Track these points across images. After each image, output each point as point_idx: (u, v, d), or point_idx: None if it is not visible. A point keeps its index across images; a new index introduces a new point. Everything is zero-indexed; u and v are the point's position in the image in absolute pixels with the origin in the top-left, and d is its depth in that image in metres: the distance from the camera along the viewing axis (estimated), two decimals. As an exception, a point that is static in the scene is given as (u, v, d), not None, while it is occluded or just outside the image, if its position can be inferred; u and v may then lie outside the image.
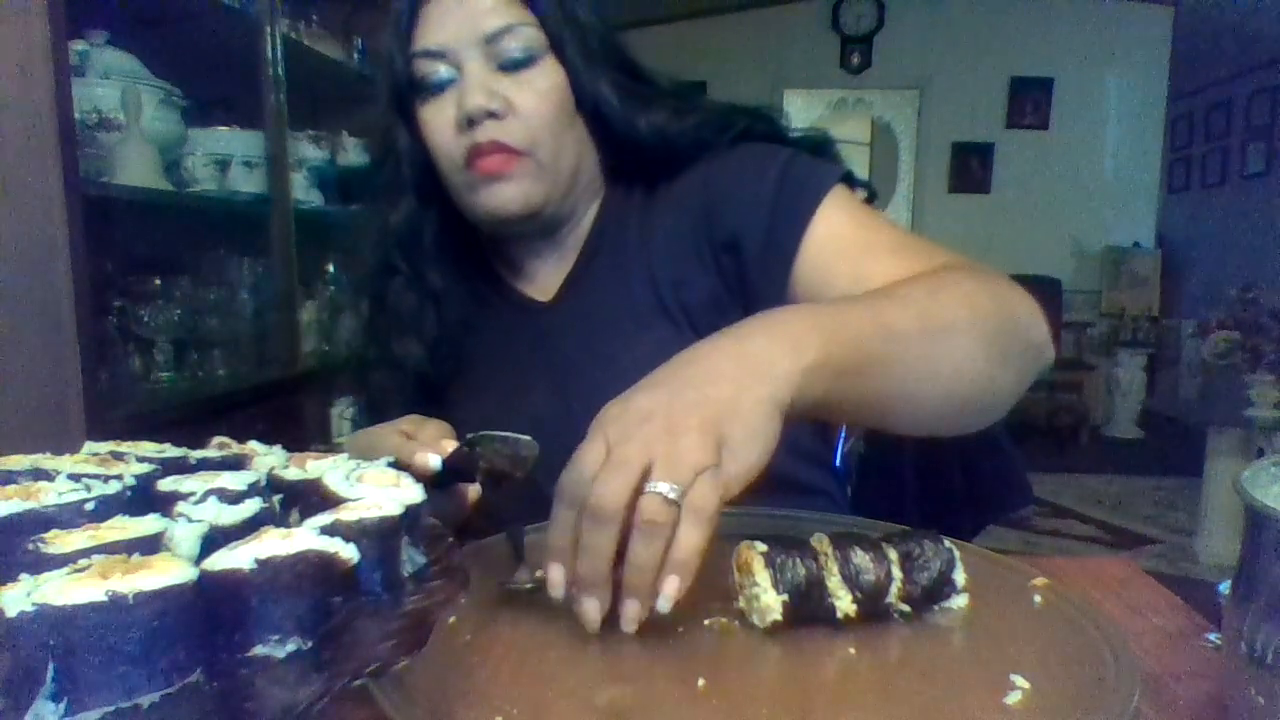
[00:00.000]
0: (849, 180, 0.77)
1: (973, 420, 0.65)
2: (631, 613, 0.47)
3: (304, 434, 1.96)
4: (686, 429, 0.47)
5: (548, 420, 0.67)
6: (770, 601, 0.48)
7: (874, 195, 0.80)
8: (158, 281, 1.65)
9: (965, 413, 0.63)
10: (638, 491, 0.46)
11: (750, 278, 0.76)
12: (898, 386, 0.59)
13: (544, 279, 0.85)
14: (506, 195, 0.76)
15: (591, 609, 0.48)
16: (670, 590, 0.47)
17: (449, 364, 0.83)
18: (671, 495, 0.46)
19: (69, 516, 0.36)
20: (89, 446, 0.45)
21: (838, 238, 0.73)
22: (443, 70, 0.75)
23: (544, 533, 0.52)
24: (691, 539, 0.46)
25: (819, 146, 0.81)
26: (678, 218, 0.80)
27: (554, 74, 0.76)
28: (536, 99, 0.75)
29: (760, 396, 0.49)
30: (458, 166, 0.76)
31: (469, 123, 0.74)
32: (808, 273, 0.73)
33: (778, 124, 0.83)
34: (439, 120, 0.76)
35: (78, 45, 1.49)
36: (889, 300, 0.61)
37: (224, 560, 0.33)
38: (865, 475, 0.91)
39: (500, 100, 0.74)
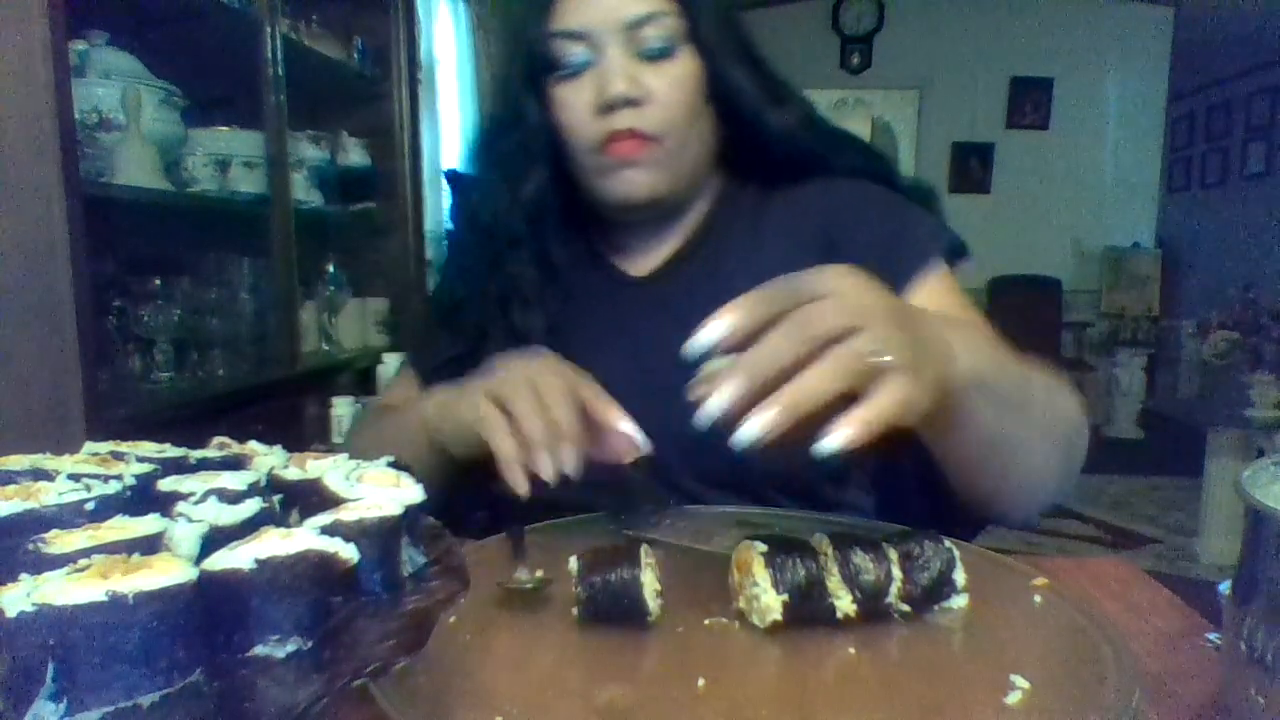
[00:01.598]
0: (956, 248, 0.79)
1: (1013, 507, 0.66)
2: (766, 423, 0.43)
3: (304, 434, 1.96)
4: (911, 345, 0.47)
5: (619, 391, 0.67)
6: (770, 601, 0.48)
7: (968, 252, 0.81)
8: (158, 281, 1.65)
9: (1010, 502, 0.64)
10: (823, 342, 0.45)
11: None
12: (997, 446, 0.61)
13: (642, 257, 0.87)
14: (636, 181, 0.78)
15: (767, 422, 0.44)
16: (850, 435, 0.44)
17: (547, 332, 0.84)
18: (880, 359, 0.44)
19: (69, 516, 0.36)
20: (89, 446, 0.45)
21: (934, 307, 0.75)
22: (581, 52, 0.76)
23: (543, 532, 0.51)
24: (879, 408, 0.44)
25: (926, 195, 0.84)
26: (794, 231, 0.82)
27: (690, 63, 0.77)
28: (674, 87, 0.76)
29: (939, 375, 0.49)
30: (590, 149, 0.78)
31: (608, 108, 0.75)
32: None
33: (891, 166, 0.86)
34: (575, 102, 0.77)
35: (78, 45, 1.49)
36: (1033, 374, 0.63)
37: (224, 560, 0.33)
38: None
39: (640, 88, 0.75)
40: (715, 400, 0.44)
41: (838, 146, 0.84)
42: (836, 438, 0.44)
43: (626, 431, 0.62)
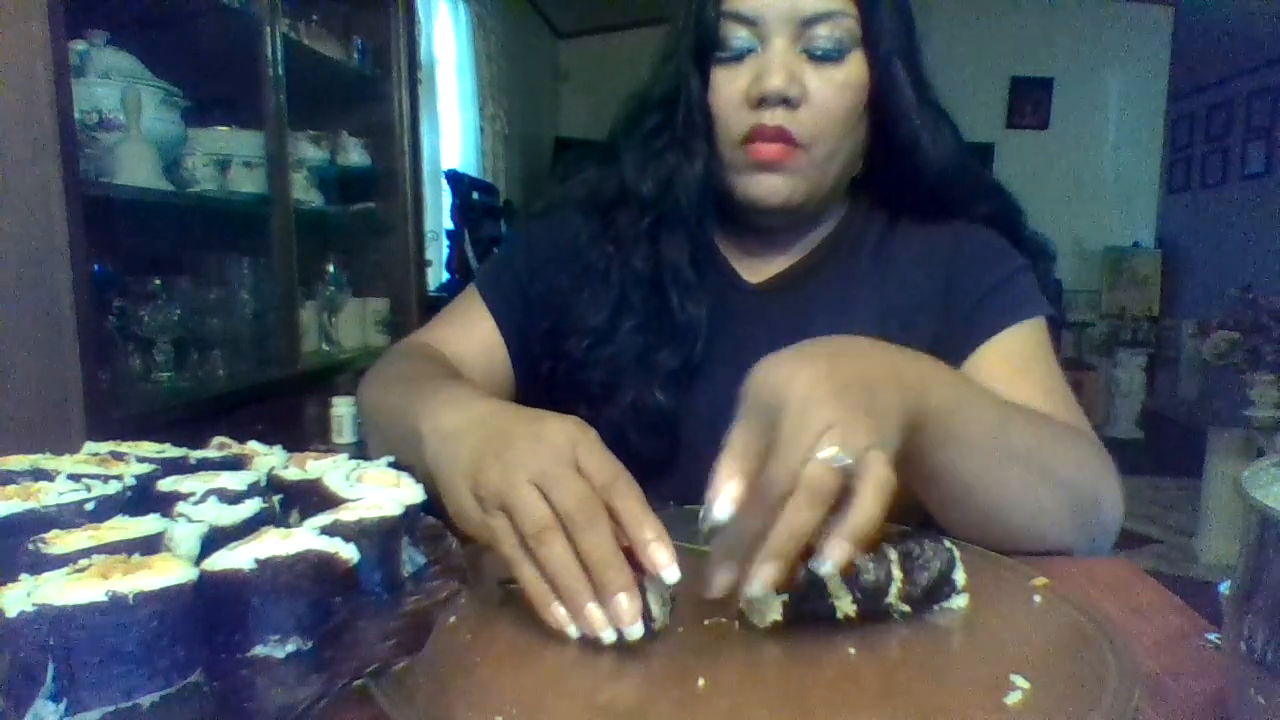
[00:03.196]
0: (1053, 321, 0.79)
1: (1000, 547, 0.66)
2: (769, 577, 0.46)
3: (304, 434, 1.96)
4: (865, 411, 0.48)
5: (725, 400, 0.64)
6: (770, 601, 0.48)
7: (1064, 323, 0.82)
8: (158, 281, 1.65)
9: (1002, 545, 0.63)
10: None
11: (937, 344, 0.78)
12: (970, 488, 0.62)
13: (760, 263, 0.84)
14: (772, 186, 0.75)
15: (769, 574, 0.46)
16: (841, 556, 0.45)
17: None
18: (843, 464, 0.45)
19: (69, 516, 0.36)
20: (89, 446, 0.45)
21: (1011, 355, 0.75)
22: (746, 37, 0.73)
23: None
24: (875, 509, 0.46)
25: (1044, 251, 0.85)
26: (919, 270, 0.81)
27: (857, 71, 0.74)
28: (834, 94, 0.73)
29: (898, 426, 0.51)
30: (734, 141, 0.75)
31: (760, 101, 0.72)
32: (972, 368, 0.75)
33: (1020, 218, 0.85)
34: (729, 88, 0.74)
35: (78, 45, 1.49)
36: (1024, 420, 0.63)
37: (224, 560, 0.33)
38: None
39: (799, 88, 0.72)
40: (720, 583, 0.47)
41: (979, 191, 0.82)
42: (830, 561, 0.45)
43: (660, 563, 0.47)
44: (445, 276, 3.30)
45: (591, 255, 0.82)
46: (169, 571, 0.30)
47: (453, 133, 3.77)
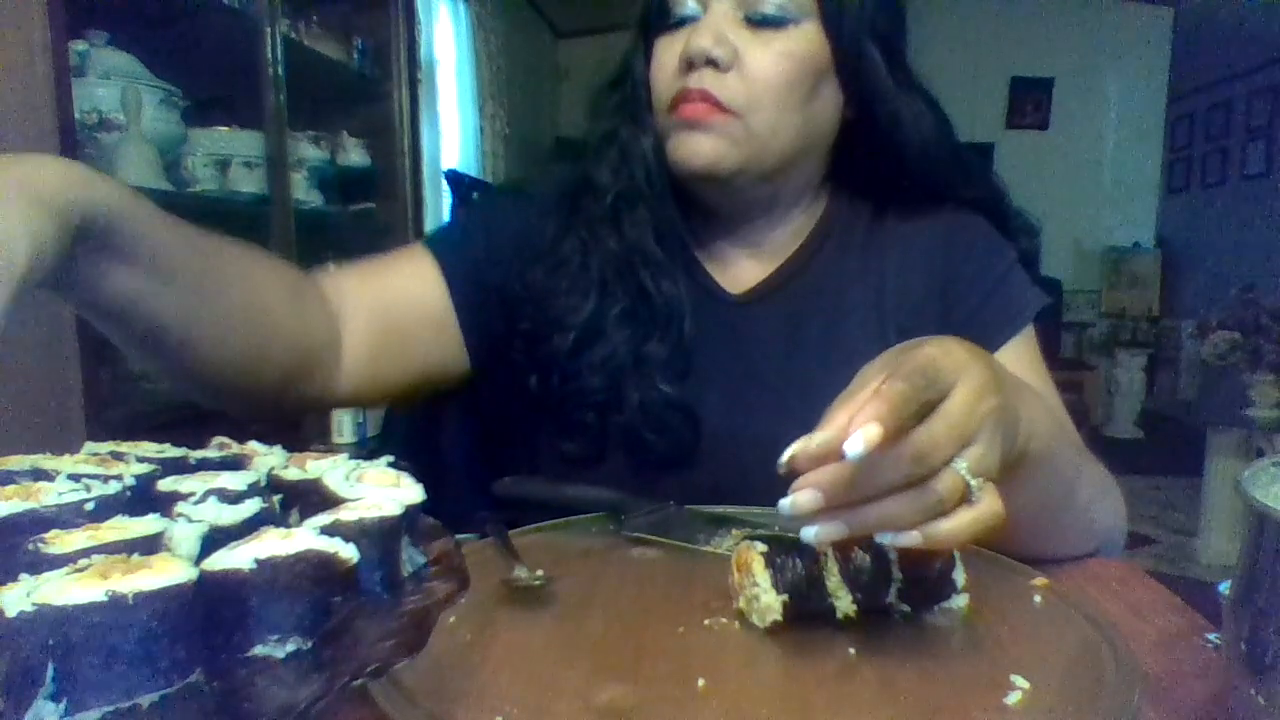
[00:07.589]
0: (1044, 311, 0.78)
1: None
2: (836, 532, 0.44)
3: (304, 434, 1.95)
4: (1000, 437, 0.46)
5: (714, 417, 0.61)
6: (770, 601, 0.48)
7: (1051, 310, 0.80)
8: (158, 281, 1.65)
9: (1021, 550, 0.61)
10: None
11: None
12: (1015, 520, 0.60)
13: (738, 271, 0.81)
14: (695, 147, 0.71)
15: (810, 500, 0.43)
16: (909, 543, 0.43)
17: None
18: (972, 483, 0.44)
19: (69, 516, 0.36)
20: (89, 446, 0.45)
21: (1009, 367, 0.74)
22: (690, 6, 0.71)
23: (543, 532, 0.49)
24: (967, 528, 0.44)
25: (1030, 231, 0.83)
26: (913, 265, 0.78)
27: (808, 42, 0.70)
28: (772, 61, 0.69)
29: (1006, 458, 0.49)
30: (664, 108, 0.73)
31: (688, 65, 0.70)
32: None
33: (1005, 199, 0.83)
34: (665, 56, 0.72)
35: (78, 45, 1.49)
36: (1077, 461, 0.63)
37: (224, 560, 0.33)
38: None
39: (727, 50, 0.69)
40: (802, 501, 0.43)
41: (965, 173, 0.80)
42: (900, 541, 0.44)
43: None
44: (445, 276, 3.29)
45: (564, 247, 0.78)
46: (169, 571, 0.30)
47: (453, 133, 3.77)
